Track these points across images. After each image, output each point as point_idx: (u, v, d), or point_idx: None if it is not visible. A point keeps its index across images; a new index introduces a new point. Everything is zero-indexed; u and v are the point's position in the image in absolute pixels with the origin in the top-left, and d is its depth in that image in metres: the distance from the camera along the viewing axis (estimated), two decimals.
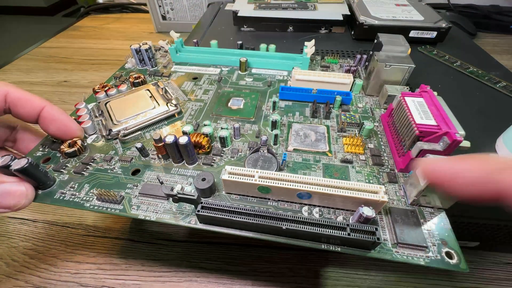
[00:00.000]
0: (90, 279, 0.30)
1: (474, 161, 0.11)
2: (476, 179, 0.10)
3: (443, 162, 0.12)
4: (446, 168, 0.12)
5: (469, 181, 0.11)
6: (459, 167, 0.11)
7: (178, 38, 0.39)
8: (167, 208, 0.21)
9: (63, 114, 0.26)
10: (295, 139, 0.27)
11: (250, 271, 0.31)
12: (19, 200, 0.20)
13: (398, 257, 0.18)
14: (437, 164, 0.12)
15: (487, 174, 0.10)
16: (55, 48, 0.75)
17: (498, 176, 0.10)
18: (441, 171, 0.12)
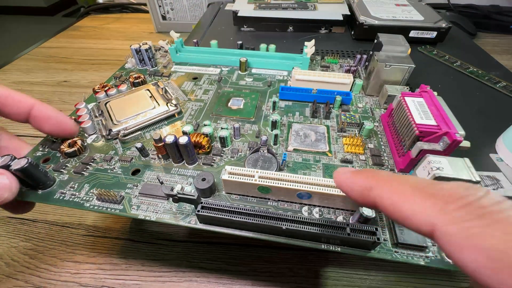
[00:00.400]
0: (90, 279, 0.30)
1: (360, 177, 0.13)
2: (359, 193, 0.13)
3: (345, 176, 0.14)
4: (343, 181, 0.14)
5: (356, 194, 0.13)
6: (350, 182, 0.13)
7: (178, 38, 0.39)
8: (167, 208, 0.21)
9: (55, 111, 0.25)
10: (295, 139, 0.27)
11: (250, 271, 0.31)
12: (2, 193, 0.20)
13: (398, 257, 0.18)
14: (340, 178, 0.14)
15: (364, 191, 0.12)
16: (55, 48, 0.75)
17: (370, 192, 0.12)
18: (341, 183, 0.14)
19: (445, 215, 0.09)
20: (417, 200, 0.10)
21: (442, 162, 0.19)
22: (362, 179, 0.13)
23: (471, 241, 0.09)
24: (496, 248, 0.08)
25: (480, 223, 0.09)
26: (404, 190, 0.11)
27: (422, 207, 0.10)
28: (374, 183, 0.12)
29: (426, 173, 0.19)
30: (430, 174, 0.18)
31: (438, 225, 0.09)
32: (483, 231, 0.08)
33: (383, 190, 0.12)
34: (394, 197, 0.11)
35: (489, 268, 0.08)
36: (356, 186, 0.13)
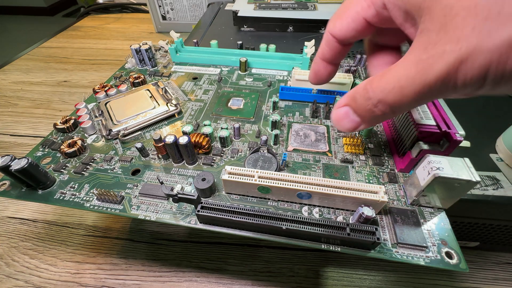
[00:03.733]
0: (90, 279, 0.30)
1: (339, 112, 0.18)
2: (349, 123, 0.18)
3: (333, 114, 0.19)
4: (334, 118, 0.19)
5: (347, 126, 0.18)
6: (334, 118, 0.19)
7: (178, 38, 0.39)
8: (167, 208, 0.21)
9: None
10: (295, 139, 0.27)
11: (250, 271, 0.31)
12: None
13: (398, 257, 0.18)
14: (333, 117, 0.19)
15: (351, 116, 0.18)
16: (55, 48, 0.75)
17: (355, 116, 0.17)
18: (334, 120, 0.19)
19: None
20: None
21: (442, 162, 0.19)
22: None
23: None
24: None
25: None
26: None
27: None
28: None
29: (426, 173, 0.19)
30: (430, 174, 0.18)
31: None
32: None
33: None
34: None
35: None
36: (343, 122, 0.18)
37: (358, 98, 0.17)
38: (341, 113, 0.18)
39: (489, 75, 0.11)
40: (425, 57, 0.12)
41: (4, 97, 0.57)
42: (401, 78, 0.13)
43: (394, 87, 0.14)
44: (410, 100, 0.14)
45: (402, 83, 0.13)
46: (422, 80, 0.12)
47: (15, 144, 0.47)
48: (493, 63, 0.11)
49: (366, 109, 0.16)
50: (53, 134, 0.28)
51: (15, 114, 0.53)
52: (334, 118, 0.19)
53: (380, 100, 0.15)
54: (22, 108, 0.54)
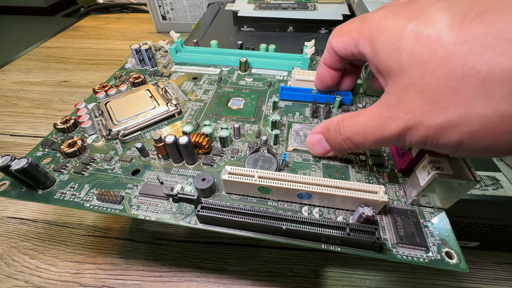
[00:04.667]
0: (90, 279, 0.30)
1: (313, 138, 0.22)
2: (321, 149, 0.22)
3: (308, 138, 0.23)
4: (308, 143, 0.23)
5: (318, 151, 0.22)
6: (308, 142, 0.23)
7: (178, 38, 0.39)
8: (167, 208, 0.21)
9: None
10: (295, 139, 0.27)
11: (250, 271, 0.31)
12: None
13: (398, 257, 0.18)
14: (307, 141, 0.23)
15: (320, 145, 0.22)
16: (55, 48, 0.75)
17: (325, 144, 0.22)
18: (308, 144, 0.23)
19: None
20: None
21: (442, 162, 0.19)
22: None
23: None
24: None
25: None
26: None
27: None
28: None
29: (426, 173, 0.19)
30: (430, 174, 0.18)
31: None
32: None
33: None
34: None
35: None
36: (316, 147, 0.23)
37: (331, 130, 0.20)
38: (315, 139, 0.22)
39: (426, 144, 0.15)
40: (385, 115, 0.16)
41: (4, 97, 0.57)
42: (366, 125, 0.17)
43: (359, 131, 0.18)
44: (371, 144, 0.18)
45: (366, 130, 0.17)
46: (380, 133, 0.16)
47: (15, 144, 0.47)
48: (429, 136, 0.14)
49: (336, 141, 0.20)
50: (53, 134, 0.28)
51: (15, 114, 0.53)
52: (308, 143, 0.23)
53: (348, 137, 0.19)
54: (22, 108, 0.54)
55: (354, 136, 0.18)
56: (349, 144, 0.19)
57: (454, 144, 0.14)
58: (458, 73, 0.13)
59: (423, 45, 0.14)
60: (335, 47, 0.22)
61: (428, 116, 0.14)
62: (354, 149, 0.19)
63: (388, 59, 0.16)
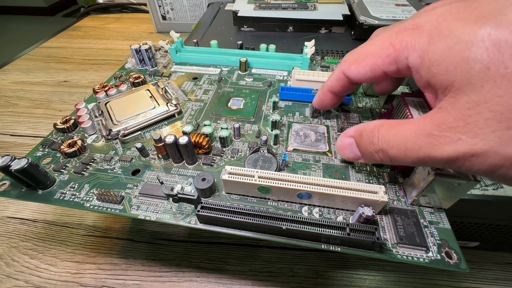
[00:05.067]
0: (90, 279, 0.30)
1: (344, 141, 0.21)
2: (351, 154, 0.20)
3: (338, 140, 0.21)
4: (338, 145, 0.21)
5: (347, 156, 0.21)
6: (339, 144, 0.21)
7: (178, 38, 0.39)
8: (167, 208, 0.21)
9: None
10: (295, 139, 0.27)
11: (250, 271, 0.31)
12: None
13: (398, 257, 0.18)
14: (337, 143, 0.21)
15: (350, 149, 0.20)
16: (55, 48, 0.75)
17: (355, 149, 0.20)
18: (337, 146, 0.21)
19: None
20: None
21: None
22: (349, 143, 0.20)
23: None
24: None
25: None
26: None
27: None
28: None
29: (426, 173, 0.19)
30: (430, 174, 0.18)
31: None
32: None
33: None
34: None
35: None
36: (345, 151, 0.21)
37: (364, 137, 0.18)
38: (346, 142, 0.20)
39: (494, 174, 0.13)
40: (436, 133, 0.13)
41: (4, 97, 0.57)
42: (408, 141, 0.15)
43: (399, 145, 0.15)
44: (411, 162, 0.15)
45: (408, 145, 0.15)
46: (428, 152, 0.14)
47: (15, 144, 0.47)
48: (503, 167, 0.12)
49: (368, 150, 0.18)
50: (53, 134, 0.28)
51: (15, 114, 0.53)
52: (338, 145, 0.21)
53: (382, 149, 0.16)
54: (22, 108, 0.54)
55: (390, 150, 0.16)
56: (381, 157, 0.17)
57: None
58: None
59: (507, 56, 0.11)
60: (353, 76, 0.19)
61: (508, 143, 0.12)
62: (388, 162, 0.17)
63: (450, 72, 0.13)
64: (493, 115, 0.12)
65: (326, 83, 0.23)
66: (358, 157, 0.19)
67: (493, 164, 0.12)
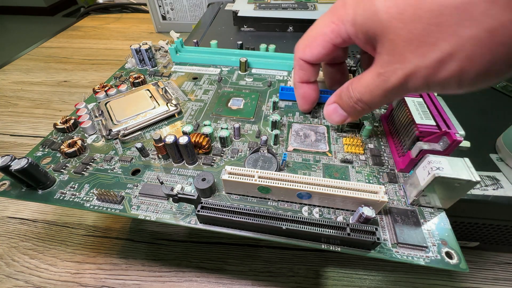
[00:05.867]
0: (90, 279, 0.30)
1: (329, 108, 0.23)
2: (338, 117, 0.23)
3: (324, 110, 0.24)
4: (325, 113, 0.24)
5: (336, 120, 0.23)
6: (326, 113, 0.24)
7: (178, 38, 0.39)
8: (167, 208, 0.21)
9: None
10: (295, 139, 0.27)
11: (250, 271, 0.31)
12: None
13: (398, 257, 0.18)
14: (325, 112, 0.24)
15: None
16: (55, 48, 0.75)
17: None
18: (325, 115, 0.24)
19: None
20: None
21: (442, 162, 0.19)
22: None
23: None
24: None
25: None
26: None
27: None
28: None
29: (426, 173, 0.19)
30: (430, 174, 0.18)
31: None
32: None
33: None
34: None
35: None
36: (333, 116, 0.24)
37: (343, 96, 0.21)
38: (330, 109, 0.23)
39: (430, 85, 0.16)
40: (382, 71, 0.17)
41: (4, 97, 0.57)
42: (369, 84, 0.19)
43: (366, 91, 0.19)
44: (379, 99, 0.19)
45: (370, 88, 0.19)
46: (383, 86, 0.18)
47: (15, 144, 0.47)
48: (430, 75, 0.15)
49: (349, 105, 0.21)
50: (53, 134, 0.28)
51: (15, 114, 0.53)
52: (325, 113, 0.24)
53: (358, 99, 0.20)
54: (22, 108, 0.54)
55: (363, 96, 0.19)
56: (361, 105, 0.20)
57: (456, 74, 0.15)
58: (435, 9, 0.14)
59: (393, 2, 0.15)
60: (310, 57, 0.23)
61: (423, 57, 0.15)
62: (367, 109, 0.20)
63: (370, 26, 0.17)
64: (405, 43, 0.15)
65: (293, 79, 0.26)
66: (345, 117, 0.22)
67: (424, 75, 0.16)
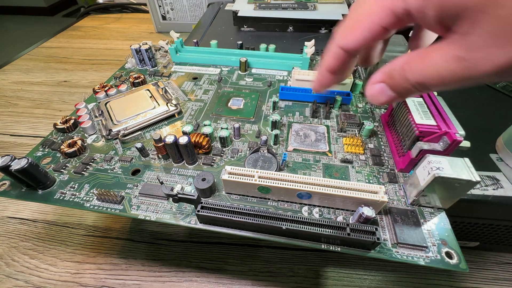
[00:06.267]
0: (90, 279, 0.30)
1: (374, 88, 0.19)
2: (385, 98, 0.18)
3: (368, 90, 0.19)
4: (369, 94, 0.19)
5: (382, 100, 0.19)
6: (370, 93, 0.19)
7: (178, 38, 0.39)
8: (167, 208, 0.21)
9: None
10: (295, 139, 0.27)
11: (250, 271, 0.31)
12: None
13: (398, 257, 0.18)
14: (368, 92, 0.19)
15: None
16: (55, 48, 0.75)
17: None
18: (369, 95, 0.19)
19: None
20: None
21: (442, 162, 0.19)
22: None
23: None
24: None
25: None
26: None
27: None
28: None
29: (426, 173, 0.19)
30: (430, 174, 0.18)
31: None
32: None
33: None
34: None
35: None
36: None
37: (395, 76, 0.18)
38: (376, 89, 0.19)
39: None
40: (466, 56, 0.14)
41: (4, 97, 0.57)
42: (441, 69, 0.15)
43: (433, 75, 0.15)
44: (451, 85, 0.15)
45: (441, 71, 0.15)
46: (465, 74, 0.14)
47: (15, 144, 0.47)
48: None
49: (404, 87, 0.17)
50: (53, 134, 0.28)
51: (15, 114, 0.53)
52: (369, 94, 0.20)
53: (419, 82, 0.16)
54: (22, 108, 0.54)
55: (427, 80, 0.16)
56: (421, 89, 0.17)
57: None
58: None
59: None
60: (351, 45, 0.19)
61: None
62: (427, 91, 0.18)
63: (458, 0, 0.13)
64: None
65: (323, 64, 0.22)
66: (393, 98, 0.19)
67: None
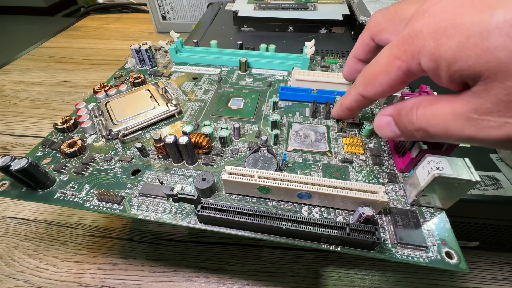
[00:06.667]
0: (90, 279, 0.30)
1: (382, 120, 0.20)
2: (390, 133, 0.19)
3: (376, 119, 0.20)
4: (376, 124, 0.20)
5: (387, 135, 0.19)
6: (377, 124, 0.20)
7: (178, 38, 0.39)
8: (167, 208, 0.21)
9: None
10: (295, 139, 0.27)
11: (250, 271, 0.31)
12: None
13: (398, 257, 0.18)
14: (375, 122, 0.20)
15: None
16: (55, 48, 0.75)
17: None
18: (376, 126, 0.20)
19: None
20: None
21: (442, 162, 0.19)
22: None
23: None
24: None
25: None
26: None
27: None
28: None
29: (426, 173, 0.19)
30: (430, 174, 0.18)
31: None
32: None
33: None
34: None
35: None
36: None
37: (402, 115, 0.18)
38: (383, 121, 0.20)
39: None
40: (475, 117, 0.14)
41: (4, 97, 0.57)
42: (448, 122, 0.15)
43: (438, 125, 0.15)
44: (454, 140, 0.16)
45: (448, 126, 0.15)
46: (473, 134, 0.14)
47: (15, 144, 0.47)
48: None
49: (407, 129, 0.18)
50: (53, 134, 0.28)
51: (15, 114, 0.53)
52: (376, 124, 0.20)
53: (421, 128, 0.16)
54: (22, 108, 0.54)
55: (430, 128, 0.16)
56: (422, 135, 0.17)
57: None
58: None
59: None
60: (374, 95, 0.19)
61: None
62: (429, 139, 0.17)
63: (472, 65, 0.13)
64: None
65: (344, 104, 0.22)
66: (398, 135, 0.19)
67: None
